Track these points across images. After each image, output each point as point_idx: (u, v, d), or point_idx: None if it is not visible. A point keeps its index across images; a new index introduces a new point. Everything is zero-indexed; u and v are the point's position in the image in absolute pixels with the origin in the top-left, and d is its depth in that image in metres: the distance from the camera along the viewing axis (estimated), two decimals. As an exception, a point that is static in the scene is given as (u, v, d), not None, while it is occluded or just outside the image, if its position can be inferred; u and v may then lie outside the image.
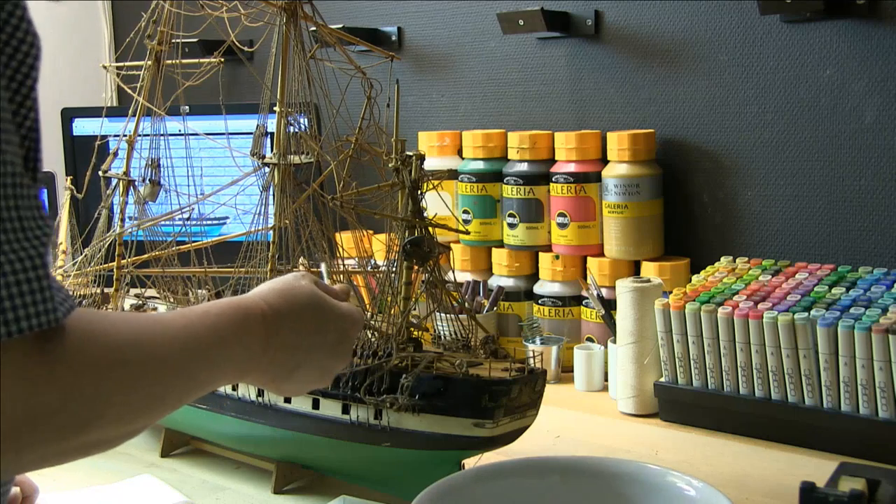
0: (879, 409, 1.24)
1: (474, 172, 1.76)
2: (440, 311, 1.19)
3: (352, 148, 1.18)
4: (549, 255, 1.71)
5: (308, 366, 0.81)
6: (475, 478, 0.97)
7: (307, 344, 0.80)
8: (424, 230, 1.14)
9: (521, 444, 1.14)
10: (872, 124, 1.51)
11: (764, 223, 1.63)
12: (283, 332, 0.77)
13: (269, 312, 0.76)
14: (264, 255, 1.24)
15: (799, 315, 1.29)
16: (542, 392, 1.12)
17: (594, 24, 1.75)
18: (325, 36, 1.23)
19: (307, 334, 0.80)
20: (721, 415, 1.37)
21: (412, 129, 1.94)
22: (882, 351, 1.22)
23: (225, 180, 1.46)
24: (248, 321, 0.74)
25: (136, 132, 1.46)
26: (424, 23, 1.99)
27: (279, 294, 0.79)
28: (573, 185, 1.66)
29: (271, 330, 0.76)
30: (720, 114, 1.65)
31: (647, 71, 1.71)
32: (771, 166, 1.61)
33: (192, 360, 0.67)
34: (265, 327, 0.75)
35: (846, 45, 1.51)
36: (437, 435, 1.08)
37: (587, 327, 1.68)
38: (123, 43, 1.50)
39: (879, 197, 1.52)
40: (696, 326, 1.37)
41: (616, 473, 0.98)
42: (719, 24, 1.63)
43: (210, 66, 1.47)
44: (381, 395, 1.09)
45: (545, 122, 1.83)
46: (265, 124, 1.27)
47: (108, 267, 1.45)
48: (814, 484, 0.88)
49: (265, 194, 1.25)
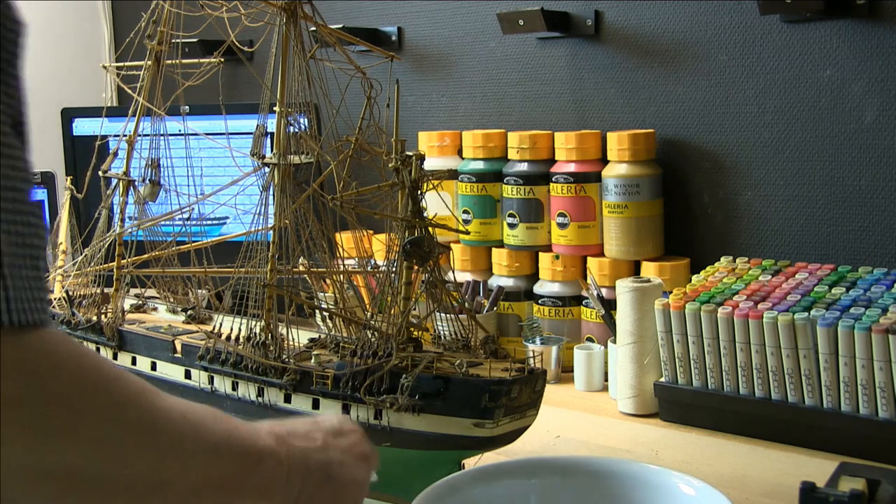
0: (879, 409, 1.24)
1: (474, 172, 1.76)
2: (440, 311, 1.19)
3: (352, 148, 1.18)
4: (549, 255, 1.71)
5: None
6: (475, 478, 0.97)
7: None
8: (424, 230, 1.14)
9: (521, 444, 1.14)
10: (872, 124, 1.51)
11: (764, 223, 1.63)
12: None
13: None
14: (264, 255, 1.24)
15: (799, 315, 1.29)
16: (542, 392, 1.12)
17: (594, 24, 1.75)
18: (325, 36, 1.23)
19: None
20: (721, 415, 1.37)
21: (412, 129, 1.94)
22: (882, 351, 1.22)
23: (225, 180, 1.46)
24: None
25: (136, 132, 1.46)
26: (424, 23, 1.99)
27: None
28: (573, 185, 1.66)
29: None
30: (720, 114, 1.65)
31: (647, 71, 1.71)
32: (771, 166, 1.61)
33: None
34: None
35: (846, 45, 1.51)
36: (437, 435, 1.08)
37: (587, 327, 1.68)
38: (123, 43, 1.50)
39: (879, 197, 1.52)
40: (696, 326, 1.37)
41: (616, 473, 0.98)
42: (719, 24, 1.63)
43: (210, 66, 1.47)
44: (381, 395, 1.09)
45: (545, 122, 1.83)
46: (265, 124, 1.27)
47: (108, 267, 1.45)
48: (814, 484, 0.88)
49: (265, 194, 1.25)
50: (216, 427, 0.63)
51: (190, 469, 0.59)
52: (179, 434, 0.58)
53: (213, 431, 0.62)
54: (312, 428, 0.75)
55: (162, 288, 1.54)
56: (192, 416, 0.61)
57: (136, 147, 1.46)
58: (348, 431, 0.79)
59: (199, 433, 0.61)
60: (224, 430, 0.63)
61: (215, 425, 0.63)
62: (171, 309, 1.52)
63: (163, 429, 0.57)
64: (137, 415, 0.55)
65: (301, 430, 0.74)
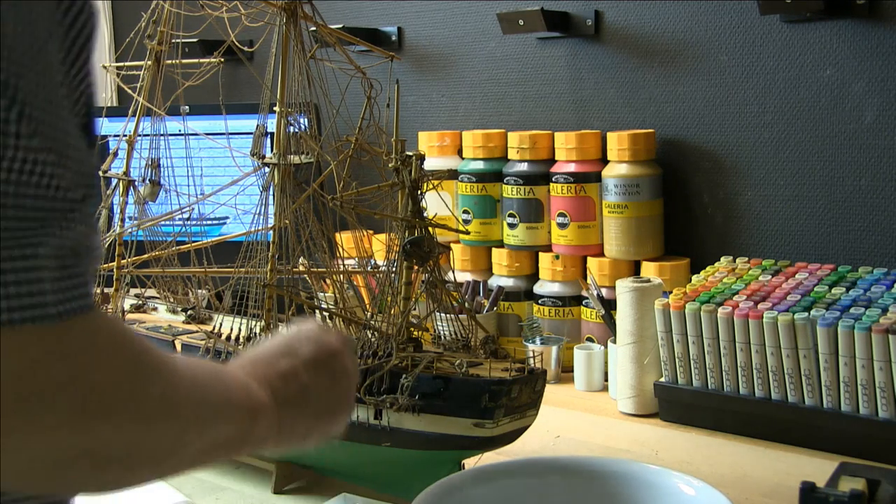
0: (879, 409, 1.24)
1: (474, 172, 1.76)
2: (440, 311, 1.19)
3: (352, 148, 1.18)
4: (549, 255, 1.71)
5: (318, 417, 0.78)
6: (475, 478, 0.97)
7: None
8: (424, 230, 1.14)
9: (521, 444, 1.14)
10: (872, 124, 1.51)
11: (764, 223, 1.63)
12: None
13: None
14: (264, 255, 1.24)
15: (799, 315, 1.29)
16: (542, 392, 1.12)
17: (594, 24, 1.75)
18: (325, 36, 1.23)
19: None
20: (721, 415, 1.37)
21: (412, 129, 1.94)
22: (882, 351, 1.22)
23: (225, 180, 1.47)
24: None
25: (136, 132, 1.46)
26: (424, 23, 1.99)
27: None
28: (573, 185, 1.66)
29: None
30: (720, 114, 1.65)
31: (647, 71, 1.71)
32: (771, 166, 1.61)
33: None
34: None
35: (846, 45, 1.51)
36: (437, 435, 1.08)
37: (587, 327, 1.68)
38: (123, 43, 1.50)
39: (879, 197, 1.52)
40: (696, 326, 1.38)
41: (616, 473, 0.98)
42: (719, 24, 1.63)
43: (210, 66, 1.47)
44: (381, 395, 1.09)
45: (545, 122, 1.83)
46: (265, 124, 1.27)
47: (108, 267, 1.45)
48: (814, 484, 0.88)
49: (265, 194, 1.25)
50: (218, 388, 0.65)
51: (203, 434, 0.61)
52: (195, 403, 0.60)
53: (218, 393, 0.64)
54: (293, 362, 0.77)
55: (162, 288, 1.54)
56: (200, 379, 0.63)
57: (136, 147, 1.46)
58: (327, 357, 0.80)
59: (208, 399, 0.63)
60: (224, 389, 0.66)
61: (217, 385, 0.65)
62: (171, 309, 1.52)
63: (184, 401, 0.59)
64: (162, 390, 0.57)
65: (283, 367, 0.75)
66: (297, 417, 0.74)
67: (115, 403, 0.53)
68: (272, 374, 0.74)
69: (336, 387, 0.79)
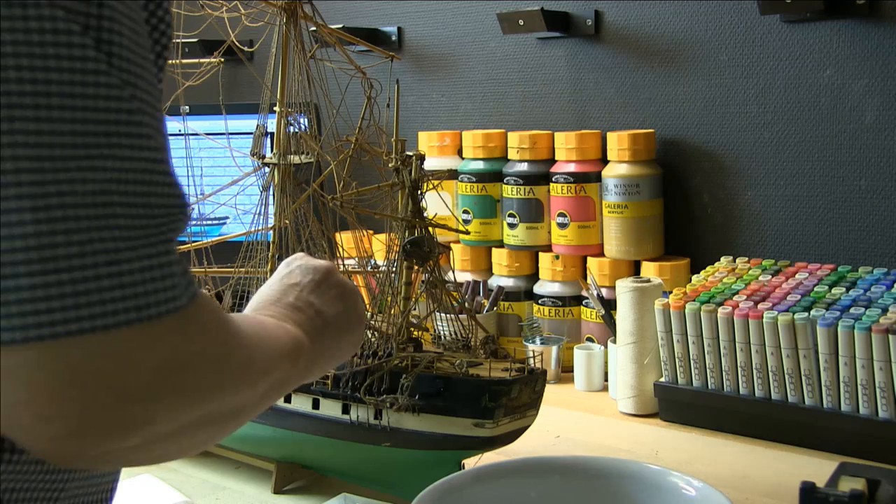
0: (879, 409, 1.24)
1: (474, 172, 1.76)
2: (440, 311, 1.19)
3: (352, 148, 1.18)
4: (549, 255, 1.71)
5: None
6: (475, 478, 0.97)
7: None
8: (424, 230, 1.14)
9: (521, 444, 1.14)
10: (872, 124, 1.51)
11: (764, 223, 1.63)
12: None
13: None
14: (264, 255, 1.24)
15: (799, 315, 1.29)
16: (542, 392, 1.12)
17: (594, 24, 1.75)
18: (325, 36, 1.23)
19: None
20: (721, 415, 1.37)
21: (412, 129, 1.94)
22: (882, 351, 1.22)
23: (225, 180, 1.46)
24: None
25: (136, 132, 1.45)
26: (424, 23, 1.99)
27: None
28: (573, 185, 1.66)
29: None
30: (720, 114, 1.65)
31: (647, 71, 1.71)
32: (771, 166, 1.61)
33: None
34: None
35: (846, 45, 1.51)
36: (437, 435, 1.08)
37: (587, 327, 1.68)
38: (123, 43, 1.50)
39: (879, 197, 1.52)
40: (696, 326, 1.38)
41: (616, 473, 0.98)
42: (719, 24, 1.63)
43: (210, 66, 1.47)
44: (381, 395, 1.09)
45: (545, 122, 1.83)
46: (265, 124, 1.27)
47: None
48: (814, 484, 0.88)
49: (265, 194, 1.25)
50: (270, 337, 0.69)
51: (268, 381, 0.66)
52: (263, 360, 0.65)
53: (272, 342, 0.69)
54: (300, 293, 0.80)
55: (162, 288, 1.53)
56: (259, 332, 0.67)
57: (136, 147, 1.46)
58: (325, 278, 0.83)
59: (268, 350, 0.67)
60: (274, 337, 0.70)
61: (268, 335, 0.69)
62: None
63: (257, 357, 0.64)
64: (246, 354, 0.62)
65: (294, 301, 0.79)
66: (325, 341, 0.78)
67: (223, 373, 0.58)
68: (289, 310, 0.77)
69: (345, 300, 0.83)
